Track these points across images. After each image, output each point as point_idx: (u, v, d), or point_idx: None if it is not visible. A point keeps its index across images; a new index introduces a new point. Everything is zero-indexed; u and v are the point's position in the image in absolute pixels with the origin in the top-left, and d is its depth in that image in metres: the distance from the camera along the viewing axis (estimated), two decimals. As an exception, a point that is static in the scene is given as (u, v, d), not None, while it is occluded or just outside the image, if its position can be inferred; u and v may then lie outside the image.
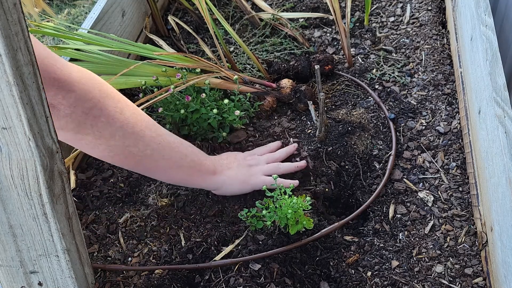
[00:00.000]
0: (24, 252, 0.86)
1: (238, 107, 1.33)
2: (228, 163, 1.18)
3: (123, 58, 1.40)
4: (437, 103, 1.38)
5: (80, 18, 2.71)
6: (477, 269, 1.03)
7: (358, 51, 1.59)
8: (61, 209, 0.85)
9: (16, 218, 0.82)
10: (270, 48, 1.64)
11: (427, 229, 1.11)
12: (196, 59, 1.35)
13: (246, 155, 1.23)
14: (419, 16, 1.67)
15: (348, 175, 1.24)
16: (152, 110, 1.38)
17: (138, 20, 1.72)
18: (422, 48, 1.55)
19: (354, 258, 1.06)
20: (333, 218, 1.16)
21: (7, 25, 0.67)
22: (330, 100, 1.44)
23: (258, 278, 1.02)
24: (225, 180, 1.15)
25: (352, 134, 1.30)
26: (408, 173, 1.23)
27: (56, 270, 0.89)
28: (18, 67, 0.70)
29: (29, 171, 0.77)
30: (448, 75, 1.45)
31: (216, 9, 1.52)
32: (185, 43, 1.72)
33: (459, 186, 1.19)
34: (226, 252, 1.08)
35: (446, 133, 1.30)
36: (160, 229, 1.15)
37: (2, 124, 0.73)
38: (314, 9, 1.78)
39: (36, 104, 0.74)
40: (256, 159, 1.20)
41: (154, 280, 1.05)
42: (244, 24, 1.77)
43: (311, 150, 1.27)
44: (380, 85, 1.46)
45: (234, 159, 1.19)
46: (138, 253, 1.11)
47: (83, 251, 0.94)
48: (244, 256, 1.06)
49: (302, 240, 1.08)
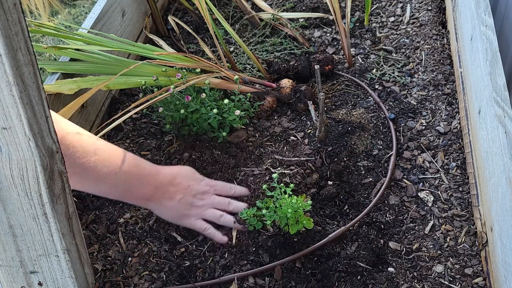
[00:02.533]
0: (24, 252, 0.86)
1: (238, 107, 1.33)
2: (174, 191, 1.13)
3: (123, 58, 1.40)
4: (437, 103, 1.38)
5: (80, 18, 2.71)
6: (477, 269, 1.03)
7: (358, 51, 1.59)
8: (61, 209, 0.85)
9: (16, 218, 0.82)
10: (270, 48, 1.64)
11: (427, 229, 1.11)
12: (196, 59, 1.35)
13: (200, 190, 1.16)
14: (419, 16, 1.67)
15: (349, 175, 1.24)
16: (152, 110, 1.38)
17: (138, 20, 1.72)
18: (422, 48, 1.55)
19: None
20: (335, 219, 1.16)
21: (7, 25, 0.67)
22: (330, 100, 1.44)
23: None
24: (159, 208, 1.14)
25: (352, 134, 1.30)
26: (408, 173, 1.23)
27: (56, 270, 0.89)
28: (18, 67, 0.70)
29: (29, 171, 0.77)
30: (448, 75, 1.45)
31: (216, 9, 1.52)
32: (185, 43, 1.72)
33: (459, 186, 1.19)
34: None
35: (446, 133, 1.30)
36: (160, 229, 1.15)
37: (2, 124, 0.73)
38: (314, 9, 1.78)
39: (36, 104, 0.74)
40: (203, 201, 1.15)
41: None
42: (244, 24, 1.77)
43: (311, 150, 1.27)
44: (380, 85, 1.46)
45: (183, 190, 1.14)
46: (138, 253, 1.11)
47: (83, 251, 0.94)
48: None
49: (306, 248, 1.08)
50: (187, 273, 1.06)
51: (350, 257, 1.06)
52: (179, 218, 1.14)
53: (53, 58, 2.34)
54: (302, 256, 1.06)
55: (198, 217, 1.13)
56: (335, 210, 1.17)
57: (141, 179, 1.11)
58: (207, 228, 1.12)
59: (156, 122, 1.40)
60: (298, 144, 1.29)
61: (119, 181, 1.08)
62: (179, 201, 1.13)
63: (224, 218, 1.13)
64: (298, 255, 1.06)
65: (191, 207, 1.13)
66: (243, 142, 1.31)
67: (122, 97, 1.51)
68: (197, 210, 1.14)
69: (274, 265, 1.05)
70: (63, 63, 1.32)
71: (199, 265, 1.08)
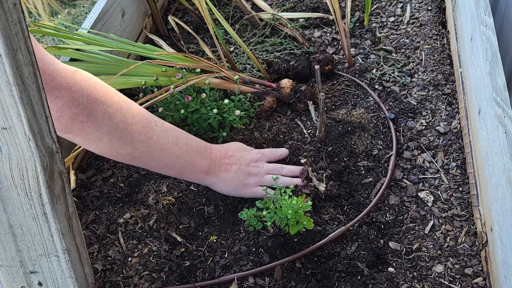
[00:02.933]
0: (24, 252, 0.86)
1: (238, 107, 1.33)
2: (229, 163, 1.17)
3: (123, 58, 1.40)
4: (437, 103, 1.38)
5: (80, 18, 2.71)
6: (477, 269, 1.03)
7: (358, 51, 1.59)
8: (61, 209, 0.85)
9: (16, 218, 0.82)
10: (270, 48, 1.64)
11: (427, 229, 1.11)
12: (196, 59, 1.35)
13: (253, 158, 1.21)
14: (419, 16, 1.67)
15: (349, 175, 1.24)
16: (152, 110, 1.38)
17: (138, 20, 1.72)
18: (422, 48, 1.55)
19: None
20: (336, 219, 1.16)
21: (7, 25, 0.67)
22: (330, 100, 1.44)
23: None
24: (217, 181, 1.16)
25: (352, 134, 1.30)
26: (408, 173, 1.23)
27: (56, 270, 0.89)
28: (18, 67, 0.70)
29: (29, 171, 0.77)
30: (448, 75, 1.45)
31: (216, 9, 1.52)
32: (185, 43, 1.72)
33: (459, 186, 1.19)
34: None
35: (446, 133, 1.30)
36: (160, 229, 1.15)
37: (2, 124, 0.73)
38: (314, 9, 1.78)
39: (36, 104, 0.74)
40: (259, 168, 1.19)
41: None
42: (244, 24, 1.77)
43: (311, 150, 1.27)
44: (380, 85, 1.46)
45: (238, 161, 1.19)
46: (138, 253, 1.11)
47: (83, 251, 0.94)
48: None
49: (307, 248, 1.08)
50: (187, 273, 1.06)
51: (350, 257, 1.06)
52: (239, 188, 1.17)
53: (53, 58, 2.33)
54: (302, 256, 1.06)
55: (257, 185, 1.17)
56: (336, 211, 1.17)
57: (199, 151, 1.14)
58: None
59: (156, 122, 1.40)
60: (298, 144, 1.29)
61: (180, 152, 1.11)
62: (236, 172, 1.16)
63: (282, 180, 1.17)
64: (298, 255, 1.06)
65: (248, 176, 1.17)
66: (243, 142, 1.31)
67: (122, 97, 1.51)
68: (254, 178, 1.17)
69: (274, 265, 1.05)
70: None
71: (199, 265, 1.08)
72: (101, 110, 1.00)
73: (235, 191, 1.18)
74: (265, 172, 1.19)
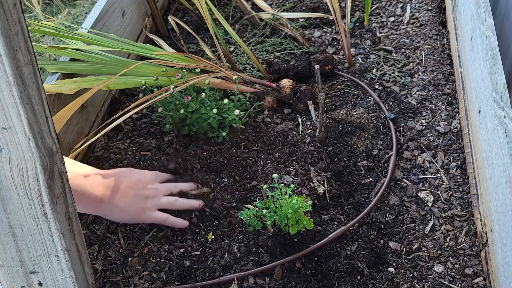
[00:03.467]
0: (24, 252, 0.86)
1: (238, 107, 1.33)
2: (124, 189, 1.11)
3: (123, 58, 1.40)
4: (437, 103, 1.38)
5: (80, 18, 2.71)
6: (477, 269, 1.03)
7: (358, 51, 1.59)
8: (61, 209, 0.85)
9: (16, 218, 0.82)
10: (270, 48, 1.64)
11: (427, 229, 1.11)
12: (196, 59, 1.35)
13: (148, 180, 1.15)
14: (419, 16, 1.67)
15: (349, 175, 1.24)
16: (152, 110, 1.38)
17: (138, 20, 1.72)
18: (422, 48, 1.55)
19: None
20: (336, 219, 1.16)
21: (7, 25, 0.67)
22: (330, 100, 1.44)
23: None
24: (114, 209, 1.11)
25: (352, 134, 1.30)
26: (408, 173, 1.23)
27: (56, 270, 0.89)
28: (18, 67, 0.70)
29: (29, 171, 0.77)
30: (448, 75, 1.45)
31: (216, 9, 1.52)
32: (185, 43, 1.72)
33: (459, 186, 1.19)
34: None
35: (446, 133, 1.30)
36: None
37: (2, 124, 0.73)
38: (314, 9, 1.78)
39: (36, 104, 0.74)
40: (156, 191, 1.14)
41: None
42: (244, 24, 1.77)
43: (311, 150, 1.27)
44: (380, 85, 1.46)
45: (134, 185, 1.13)
46: (138, 253, 1.11)
47: (83, 251, 0.94)
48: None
49: (307, 248, 1.08)
50: (187, 273, 1.06)
51: (350, 257, 1.06)
52: (138, 214, 1.12)
53: (53, 58, 2.34)
54: (302, 256, 1.06)
55: (155, 208, 1.13)
56: (336, 211, 1.17)
57: (89, 178, 1.07)
58: (167, 217, 1.12)
59: (156, 122, 1.40)
60: (298, 144, 1.29)
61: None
62: (133, 198, 1.11)
63: (179, 201, 1.15)
64: (298, 255, 1.06)
65: (146, 200, 1.13)
66: (243, 141, 1.31)
67: (122, 97, 1.51)
68: (152, 200, 1.13)
69: (274, 265, 1.05)
70: (63, 63, 1.32)
71: (199, 265, 1.08)
72: None
73: (134, 218, 1.13)
74: (162, 193, 1.15)
